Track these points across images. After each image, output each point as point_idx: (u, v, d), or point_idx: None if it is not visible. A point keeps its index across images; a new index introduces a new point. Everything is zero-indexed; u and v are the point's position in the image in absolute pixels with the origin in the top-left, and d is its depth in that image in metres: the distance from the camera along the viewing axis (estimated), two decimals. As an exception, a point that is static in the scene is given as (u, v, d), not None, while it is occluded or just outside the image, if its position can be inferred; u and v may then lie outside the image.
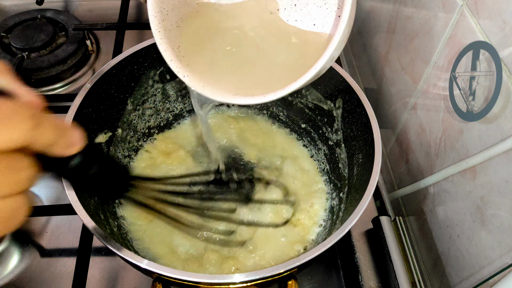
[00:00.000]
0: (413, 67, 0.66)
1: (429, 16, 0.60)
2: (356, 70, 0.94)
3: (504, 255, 0.46)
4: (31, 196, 0.71)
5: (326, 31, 0.52)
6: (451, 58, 0.54)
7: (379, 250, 0.65)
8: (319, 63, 0.41)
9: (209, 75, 0.49)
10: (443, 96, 0.57)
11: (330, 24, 0.52)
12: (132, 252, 0.45)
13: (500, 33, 0.45)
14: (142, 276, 0.61)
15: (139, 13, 1.05)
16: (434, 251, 0.61)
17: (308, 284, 0.63)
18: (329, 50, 0.41)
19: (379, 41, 0.79)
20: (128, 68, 0.64)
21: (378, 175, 0.52)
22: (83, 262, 0.56)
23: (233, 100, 0.46)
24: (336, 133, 0.66)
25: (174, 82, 0.71)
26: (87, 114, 0.58)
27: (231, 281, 0.44)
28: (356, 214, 0.48)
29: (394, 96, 0.73)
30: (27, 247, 0.65)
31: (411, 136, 0.68)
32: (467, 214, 0.52)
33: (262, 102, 0.44)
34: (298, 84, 0.42)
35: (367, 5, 0.85)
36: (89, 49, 0.95)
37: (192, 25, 0.53)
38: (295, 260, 0.45)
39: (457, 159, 0.54)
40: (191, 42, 0.51)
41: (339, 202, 0.63)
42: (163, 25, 0.49)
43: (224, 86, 0.48)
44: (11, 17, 0.93)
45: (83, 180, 0.37)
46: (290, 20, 0.53)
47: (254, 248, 0.61)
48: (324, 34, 0.52)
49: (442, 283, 0.59)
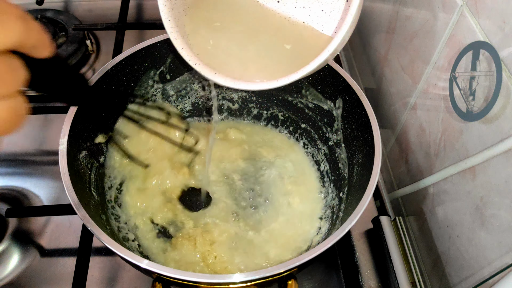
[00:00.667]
0: (413, 67, 0.66)
1: (429, 16, 0.60)
2: (356, 70, 0.94)
3: (504, 255, 0.46)
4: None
5: (333, 17, 0.52)
6: (451, 58, 0.54)
7: (379, 250, 0.65)
8: (332, 45, 0.42)
9: (219, 62, 0.49)
10: (443, 96, 0.57)
11: (337, 12, 0.52)
12: (132, 252, 0.45)
13: (500, 33, 0.45)
14: (142, 276, 0.61)
15: (139, 13, 1.05)
16: (434, 251, 0.61)
17: (308, 284, 0.63)
18: (334, 42, 0.42)
19: (379, 41, 0.79)
20: (128, 68, 0.64)
21: (378, 175, 0.52)
22: (83, 262, 0.56)
23: (246, 86, 0.47)
24: (336, 133, 0.66)
25: (174, 82, 0.71)
26: (87, 114, 0.58)
27: (231, 281, 0.44)
28: (356, 214, 0.48)
29: (394, 96, 0.73)
30: (27, 247, 0.65)
31: (411, 136, 0.68)
32: (467, 214, 0.53)
33: (276, 86, 0.45)
34: (311, 67, 0.43)
35: (367, 5, 0.85)
36: (89, 49, 0.95)
37: (199, 13, 0.53)
38: (295, 260, 0.45)
39: (456, 159, 0.54)
40: (200, 30, 0.52)
41: (339, 202, 0.63)
42: (172, 14, 0.49)
43: (235, 73, 0.48)
44: (11, 17, 0.93)
45: (62, 84, 0.40)
46: (298, 6, 0.53)
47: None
48: (331, 22, 0.52)
49: (442, 283, 0.59)
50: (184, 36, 0.50)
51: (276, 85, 0.45)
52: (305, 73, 0.43)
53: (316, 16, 0.53)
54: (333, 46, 0.42)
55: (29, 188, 0.71)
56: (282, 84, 0.45)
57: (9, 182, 0.72)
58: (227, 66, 0.49)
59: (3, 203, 0.69)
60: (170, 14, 0.49)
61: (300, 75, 0.44)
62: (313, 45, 0.51)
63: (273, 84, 0.46)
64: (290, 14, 0.54)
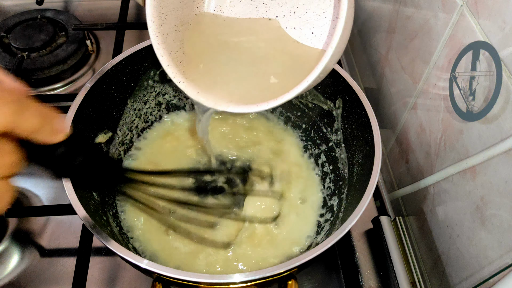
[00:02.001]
0: (413, 67, 0.66)
1: (429, 16, 0.60)
2: (356, 70, 0.94)
3: (504, 255, 0.46)
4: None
5: (323, 40, 0.52)
6: (451, 58, 0.54)
7: (379, 250, 0.65)
8: (312, 76, 0.41)
9: (204, 82, 0.49)
10: (443, 96, 0.57)
11: (327, 33, 0.52)
12: (132, 252, 0.45)
13: (500, 33, 0.45)
14: (142, 276, 0.61)
15: (139, 13, 1.05)
16: (434, 251, 0.61)
17: (308, 284, 0.63)
18: (321, 63, 0.41)
19: (379, 41, 0.79)
20: (128, 68, 0.64)
21: (378, 175, 0.52)
22: (83, 262, 0.56)
23: (227, 108, 0.46)
24: (336, 133, 0.66)
25: (174, 82, 0.71)
26: (87, 114, 0.58)
27: (231, 281, 0.44)
28: (356, 214, 0.48)
29: (394, 96, 0.73)
30: (27, 247, 0.65)
31: (411, 136, 0.68)
32: (467, 214, 0.53)
33: (255, 111, 0.45)
34: (291, 95, 0.42)
35: (367, 5, 0.85)
36: (89, 49, 0.95)
37: (191, 31, 0.53)
38: (295, 260, 0.45)
39: (457, 159, 0.54)
40: (189, 48, 0.52)
41: (339, 202, 0.63)
42: (161, 30, 0.49)
43: (218, 94, 0.48)
44: (11, 17, 0.93)
45: (69, 170, 0.36)
46: (288, 27, 0.53)
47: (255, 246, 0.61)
48: (320, 44, 0.52)
49: (442, 283, 0.59)
50: (172, 53, 0.49)
51: (262, 108, 0.44)
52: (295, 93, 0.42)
53: (306, 38, 0.53)
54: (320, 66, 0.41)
55: (29, 188, 0.71)
56: (270, 107, 0.44)
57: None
58: (215, 86, 0.49)
59: (3, 203, 0.69)
60: (159, 31, 0.49)
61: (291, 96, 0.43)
62: (302, 66, 0.50)
63: (258, 108, 0.44)
64: (281, 35, 0.53)
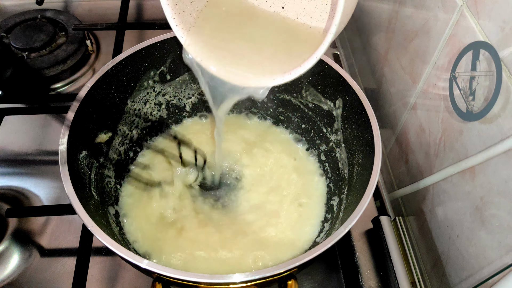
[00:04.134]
0: (412, 67, 0.66)
1: (428, 16, 0.60)
2: (356, 70, 0.94)
3: (504, 255, 0.46)
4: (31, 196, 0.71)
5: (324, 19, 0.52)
6: (451, 58, 0.54)
7: (379, 250, 0.65)
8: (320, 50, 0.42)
9: (216, 55, 0.49)
10: (443, 96, 0.57)
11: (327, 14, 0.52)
12: (132, 252, 0.45)
13: (500, 33, 0.45)
14: (142, 276, 0.61)
15: (139, 13, 1.05)
16: (434, 251, 0.61)
17: (308, 284, 0.63)
18: (327, 41, 0.41)
19: (379, 41, 0.79)
20: (128, 68, 0.64)
21: (378, 175, 0.52)
22: (83, 262, 0.56)
23: (240, 81, 0.47)
24: (336, 133, 0.67)
25: (174, 82, 0.71)
26: (87, 114, 0.58)
27: (231, 281, 0.44)
28: (356, 214, 0.48)
29: (394, 96, 0.73)
30: (27, 247, 0.65)
31: (410, 136, 0.68)
32: (467, 214, 0.53)
33: (270, 85, 0.45)
34: (302, 70, 0.44)
35: (367, 5, 0.85)
36: (89, 49, 0.95)
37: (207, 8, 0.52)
38: (295, 260, 0.45)
39: (456, 159, 0.54)
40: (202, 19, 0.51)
41: (339, 202, 0.63)
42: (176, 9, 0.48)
43: (228, 65, 0.48)
44: (11, 17, 0.93)
45: None
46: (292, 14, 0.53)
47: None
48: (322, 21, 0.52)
49: (442, 283, 0.59)
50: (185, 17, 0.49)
51: (272, 83, 0.45)
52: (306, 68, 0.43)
53: (309, 16, 0.53)
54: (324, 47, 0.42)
55: (29, 188, 0.71)
56: (278, 83, 0.45)
57: (9, 182, 0.72)
58: (225, 58, 0.49)
59: (3, 203, 0.69)
60: (174, 12, 0.48)
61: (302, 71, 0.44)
62: (307, 45, 0.51)
63: (269, 82, 0.45)
64: (287, 18, 0.54)
